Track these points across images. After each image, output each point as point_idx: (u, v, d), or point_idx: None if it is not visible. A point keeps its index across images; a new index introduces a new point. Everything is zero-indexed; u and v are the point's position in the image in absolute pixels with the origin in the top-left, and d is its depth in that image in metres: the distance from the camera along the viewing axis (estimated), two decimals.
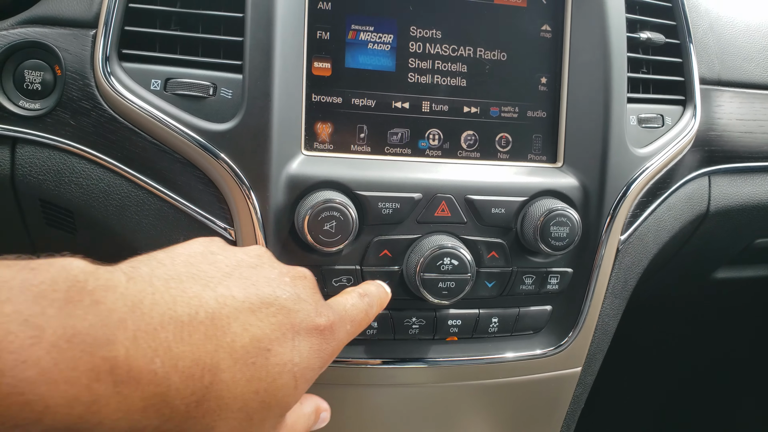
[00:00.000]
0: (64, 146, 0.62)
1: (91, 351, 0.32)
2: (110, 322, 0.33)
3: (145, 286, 0.36)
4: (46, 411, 0.30)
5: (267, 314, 0.40)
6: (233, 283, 0.40)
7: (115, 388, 0.32)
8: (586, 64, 0.69)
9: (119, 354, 0.33)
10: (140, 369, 0.33)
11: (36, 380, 0.30)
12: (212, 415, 0.37)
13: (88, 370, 0.31)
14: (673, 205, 0.79)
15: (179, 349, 0.35)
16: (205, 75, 0.61)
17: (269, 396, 0.39)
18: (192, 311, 0.37)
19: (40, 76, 0.61)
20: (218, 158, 0.59)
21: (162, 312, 0.35)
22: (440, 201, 0.64)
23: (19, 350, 0.30)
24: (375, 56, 0.65)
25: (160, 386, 0.34)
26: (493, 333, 0.69)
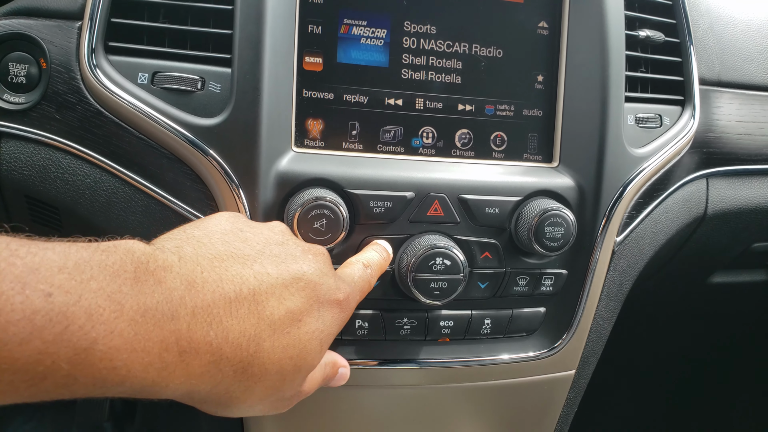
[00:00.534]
0: (49, 141, 0.61)
1: (161, 325, 0.36)
2: (173, 299, 0.37)
3: (194, 266, 0.40)
4: (128, 375, 0.35)
5: (297, 288, 0.45)
6: (266, 261, 0.45)
7: (180, 357, 0.37)
8: (583, 62, 0.68)
9: (182, 327, 0.37)
10: (199, 341, 0.38)
11: (121, 348, 0.34)
12: (254, 378, 0.42)
13: (159, 341, 0.36)
14: (670, 207, 0.77)
15: (229, 322, 0.40)
16: (194, 69, 0.59)
17: (300, 359, 0.45)
18: (236, 288, 0.41)
19: (25, 69, 0.60)
20: (206, 154, 0.58)
21: (212, 290, 0.40)
22: (433, 200, 0.63)
23: (108, 322, 0.34)
24: (368, 51, 0.64)
25: (214, 355, 0.39)
26: (486, 334, 0.68)
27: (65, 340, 0.32)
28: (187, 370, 0.38)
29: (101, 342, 0.33)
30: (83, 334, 0.32)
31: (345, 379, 0.57)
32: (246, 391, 0.42)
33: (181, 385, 0.38)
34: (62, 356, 0.32)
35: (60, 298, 0.32)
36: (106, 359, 0.33)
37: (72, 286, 0.33)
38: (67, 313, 0.32)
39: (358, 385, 0.67)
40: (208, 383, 0.40)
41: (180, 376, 0.38)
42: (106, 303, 0.34)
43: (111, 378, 0.34)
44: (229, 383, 0.41)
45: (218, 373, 0.40)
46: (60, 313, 0.32)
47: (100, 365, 0.33)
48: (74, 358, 0.32)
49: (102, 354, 0.33)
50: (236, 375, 0.41)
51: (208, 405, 0.43)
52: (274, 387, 0.44)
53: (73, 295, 0.33)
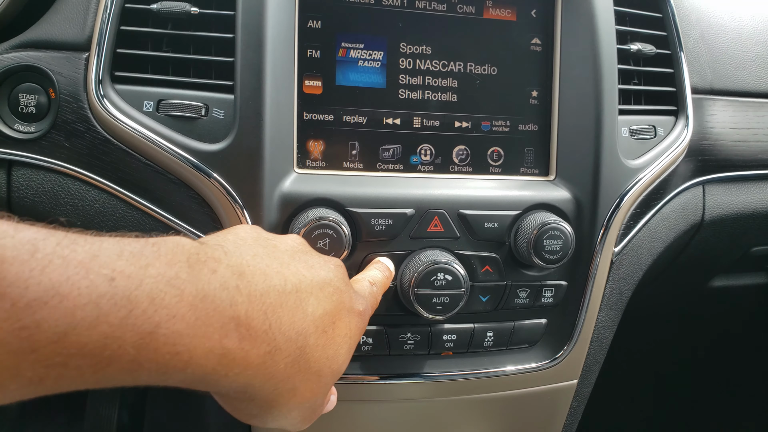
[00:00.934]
0: (59, 168, 0.62)
1: (220, 310, 0.36)
2: (229, 287, 0.38)
3: (240, 259, 0.41)
4: (190, 361, 0.35)
5: (329, 293, 0.45)
6: (299, 264, 0.45)
7: (240, 344, 0.37)
8: (576, 77, 0.70)
9: (240, 314, 0.37)
10: (257, 328, 0.38)
11: (183, 333, 0.34)
12: (300, 375, 0.42)
13: (219, 326, 0.36)
14: (667, 215, 0.79)
15: (280, 312, 0.40)
16: (197, 96, 0.61)
17: (334, 362, 0.45)
18: (281, 282, 0.42)
19: (35, 99, 0.62)
20: (211, 178, 0.60)
21: (261, 281, 0.40)
22: (433, 216, 0.64)
23: (169, 306, 0.34)
24: (365, 73, 0.66)
25: (270, 344, 0.39)
26: (489, 347, 0.69)
27: (130, 324, 0.32)
28: (246, 359, 0.38)
29: (164, 326, 0.33)
30: (146, 318, 0.32)
31: (332, 405, 0.57)
32: (291, 391, 0.42)
33: (239, 375, 0.38)
34: (128, 340, 0.32)
35: (122, 283, 0.32)
36: (170, 344, 0.33)
37: (132, 271, 0.33)
38: (130, 297, 0.32)
39: (364, 400, 0.69)
40: (263, 375, 0.39)
41: (239, 365, 0.38)
42: (167, 288, 0.34)
43: (174, 363, 0.34)
44: (280, 378, 0.41)
45: (273, 365, 0.40)
46: (124, 297, 0.32)
47: (164, 350, 0.33)
48: (139, 342, 0.32)
49: (165, 338, 0.33)
50: (287, 368, 0.41)
51: (253, 406, 0.43)
52: (312, 389, 0.44)
53: (134, 280, 0.33)
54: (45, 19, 0.62)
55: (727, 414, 1.41)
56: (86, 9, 0.62)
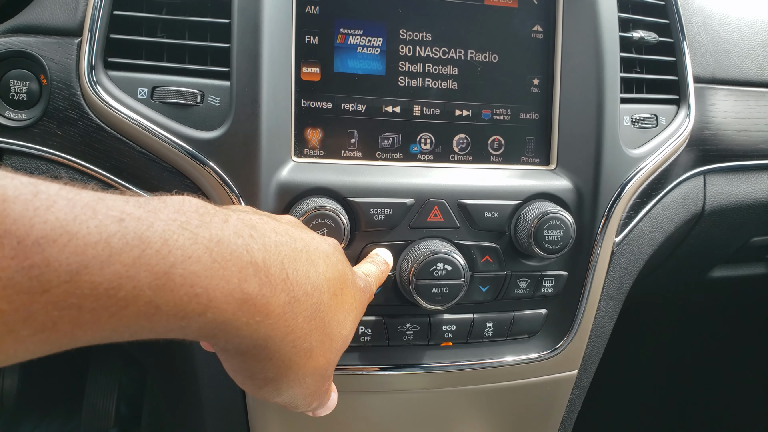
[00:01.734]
0: (51, 156, 0.61)
1: (237, 255, 0.35)
2: (243, 234, 0.37)
3: (248, 217, 0.40)
4: (209, 304, 0.34)
5: (334, 262, 0.45)
6: (303, 235, 0.44)
7: (260, 290, 0.36)
8: (578, 65, 0.69)
9: (258, 260, 0.37)
10: (275, 276, 0.38)
11: (201, 274, 0.33)
12: (316, 333, 0.41)
13: (237, 270, 0.35)
14: (668, 205, 0.78)
15: (295, 266, 0.40)
16: (193, 82, 0.60)
17: (344, 328, 0.45)
18: (291, 240, 0.41)
19: (26, 86, 0.60)
20: (207, 166, 0.59)
21: (273, 236, 0.40)
22: (433, 206, 0.64)
23: (184, 247, 0.32)
24: (364, 60, 0.64)
25: (289, 294, 0.38)
26: (488, 337, 0.68)
27: (144, 264, 0.31)
28: (267, 307, 0.37)
29: (180, 266, 0.32)
30: (161, 258, 0.31)
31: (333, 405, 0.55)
32: (308, 352, 0.42)
33: (260, 324, 0.37)
34: (143, 280, 0.31)
35: (132, 224, 0.31)
36: (187, 285, 0.32)
37: (141, 214, 0.32)
38: (142, 237, 0.31)
39: (363, 391, 0.68)
40: (283, 328, 0.39)
41: (260, 313, 0.37)
42: (180, 230, 0.33)
43: (192, 306, 0.33)
44: (298, 335, 0.40)
45: (292, 317, 0.39)
46: (135, 237, 0.31)
47: (181, 291, 0.32)
48: (154, 282, 0.31)
49: (182, 279, 0.32)
50: (305, 324, 0.40)
51: (270, 365, 0.41)
52: (325, 355, 0.43)
53: (145, 222, 0.31)
54: (36, 4, 0.61)
55: (725, 402, 1.41)
56: None
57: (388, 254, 0.62)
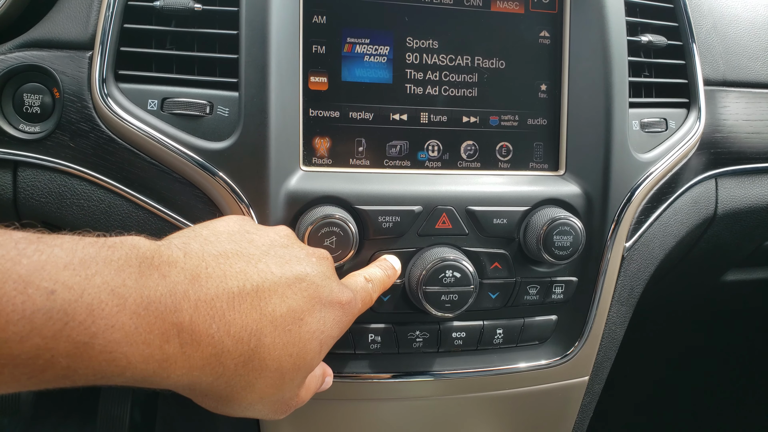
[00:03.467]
0: (64, 168, 0.62)
1: (163, 317, 0.37)
2: (176, 293, 0.38)
3: (199, 261, 0.41)
4: (128, 366, 0.36)
5: (300, 288, 0.46)
6: (271, 261, 0.46)
7: (182, 349, 0.38)
8: (586, 70, 0.68)
9: (184, 320, 0.38)
10: (201, 333, 0.39)
11: (121, 341, 0.35)
12: (254, 373, 0.43)
13: (160, 333, 0.37)
14: (679, 209, 0.77)
15: (231, 316, 0.41)
16: (202, 93, 0.61)
17: (300, 359, 0.45)
18: (240, 284, 0.42)
19: (39, 99, 0.61)
20: (216, 177, 0.59)
21: (216, 285, 0.41)
22: (441, 213, 0.64)
23: (109, 316, 0.34)
24: (372, 69, 0.65)
25: (216, 347, 0.40)
26: (498, 344, 0.68)
27: (65, 336, 0.33)
28: (189, 362, 0.39)
29: (101, 336, 0.34)
30: (83, 329, 0.33)
31: (328, 386, 0.58)
32: (247, 387, 0.43)
33: (183, 376, 0.39)
34: (61, 351, 0.33)
35: (62, 295, 0.33)
36: (106, 352, 0.34)
37: (76, 282, 0.34)
38: (68, 310, 0.33)
39: (374, 399, 0.68)
40: (209, 375, 0.40)
41: (181, 368, 0.38)
42: (109, 297, 0.35)
43: (110, 369, 0.35)
44: (231, 376, 0.42)
45: (219, 365, 0.40)
46: (61, 310, 0.33)
47: (100, 357, 0.34)
48: (73, 351, 0.33)
49: (101, 347, 0.34)
50: (237, 368, 0.41)
51: (209, 399, 0.44)
52: (274, 385, 0.45)
53: (76, 291, 0.34)
54: (48, 18, 0.62)
55: (740, 406, 1.39)
56: (89, 7, 0.61)
57: (396, 260, 0.62)
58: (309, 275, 0.47)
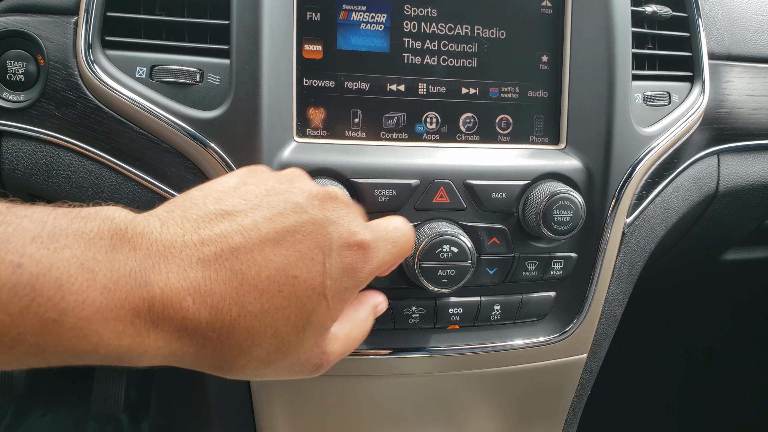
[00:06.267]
0: (50, 138, 0.60)
1: (133, 292, 0.35)
2: (146, 267, 0.36)
3: (177, 229, 0.39)
4: (100, 343, 0.34)
5: (292, 242, 0.41)
6: (259, 214, 0.41)
7: (154, 324, 0.36)
8: (588, 41, 0.66)
9: (155, 294, 0.36)
10: (174, 307, 0.36)
11: (92, 318, 0.33)
12: (245, 341, 0.40)
13: (131, 308, 0.35)
14: (681, 185, 0.76)
15: (207, 287, 0.38)
16: (192, 61, 0.59)
17: (301, 320, 0.41)
18: (218, 250, 0.39)
19: (23, 67, 0.59)
20: (207, 147, 0.57)
21: (190, 254, 0.38)
22: (438, 187, 0.62)
23: (79, 292, 0.33)
24: (368, 37, 0.63)
25: (192, 321, 0.37)
26: (496, 321, 0.67)
27: (31, 313, 0.31)
28: (163, 335, 0.37)
29: (71, 313, 0.33)
30: (52, 306, 0.32)
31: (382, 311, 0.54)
32: (241, 354, 0.40)
33: (160, 349, 0.37)
34: (28, 328, 0.32)
35: (29, 269, 0.31)
36: (76, 329, 0.33)
37: (43, 255, 0.32)
38: (35, 285, 0.31)
39: (369, 375, 0.67)
40: (190, 345, 0.38)
41: (156, 341, 0.36)
42: (79, 272, 0.33)
43: (82, 347, 0.34)
44: (216, 346, 0.39)
45: (199, 337, 0.38)
46: (27, 285, 0.31)
47: (70, 335, 0.33)
48: (42, 329, 0.32)
49: (71, 324, 0.33)
50: (222, 338, 0.39)
51: (204, 367, 0.41)
52: (276, 350, 0.41)
53: (44, 264, 0.32)
54: None
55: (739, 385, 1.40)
56: None
57: None
58: (305, 224, 0.42)
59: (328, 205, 0.44)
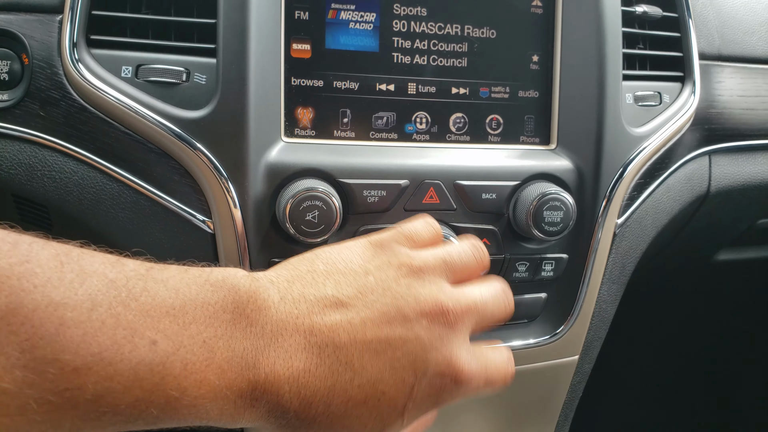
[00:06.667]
0: (34, 138, 0.59)
1: (242, 374, 0.37)
2: (258, 348, 0.38)
3: (292, 309, 0.40)
4: (204, 416, 0.37)
5: (390, 358, 0.41)
6: (369, 314, 0.41)
7: (251, 403, 0.38)
8: (579, 41, 0.66)
9: (260, 378, 0.38)
10: (272, 392, 0.38)
11: (206, 396, 0.36)
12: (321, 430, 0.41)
13: (237, 389, 0.37)
14: (672, 186, 0.76)
15: (304, 379, 0.39)
16: (178, 60, 0.58)
17: (376, 429, 0.42)
18: (323, 343, 0.40)
19: (7, 66, 0.58)
20: (193, 147, 0.56)
21: (299, 341, 0.39)
22: (428, 187, 0.62)
23: (198, 371, 0.36)
24: (357, 36, 0.62)
25: (283, 407, 0.39)
26: None
27: (161, 391, 0.34)
28: (255, 412, 0.39)
29: (190, 391, 0.35)
30: (176, 384, 0.35)
31: None
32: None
33: (249, 421, 0.39)
34: (155, 402, 0.34)
35: (163, 346, 0.34)
36: (191, 406, 0.35)
37: (174, 331, 0.35)
38: (166, 363, 0.34)
39: None
40: (274, 422, 0.40)
41: (249, 415, 0.39)
42: (201, 350, 0.36)
43: (189, 419, 0.37)
44: (295, 428, 0.40)
45: (283, 419, 0.40)
46: (160, 363, 0.34)
47: (185, 411, 0.36)
48: (165, 404, 0.35)
49: (188, 401, 0.35)
50: (302, 424, 0.40)
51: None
52: None
53: (175, 342, 0.35)
54: None
55: (729, 386, 1.40)
56: None
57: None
58: (406, 342, 0.41)
59: (435, 327, 0.42)
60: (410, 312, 0.42)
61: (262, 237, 0.59)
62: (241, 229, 0.58)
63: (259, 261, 0.59)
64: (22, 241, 0.34)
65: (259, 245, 0.59)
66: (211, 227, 0.59)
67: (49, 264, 0.33)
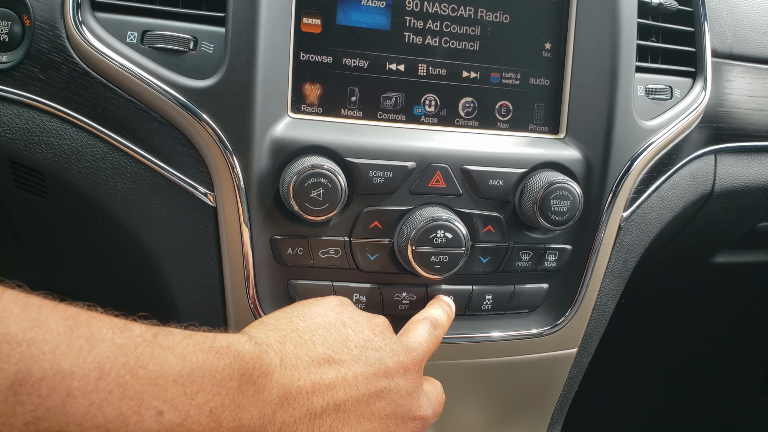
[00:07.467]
0: (33, 103, 0.58)
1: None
2: (265, 414, 0.40)
3: (293, 371, 0.43)
4: None
5: (379, 408, 0.47)
6: (359, 370, 0.46)
7: None
8: (593, 30, 0.65)
9: None
10: None
11: None
12: None
13: None
14: (678, 183, 0.75)
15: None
16: (186, 27, 0.56)
17: None
18: (324, 403, 0.43)
19: (8, 26, 0.57)
20: (199, 118, 0.55)
21: (302, 404, 0.42)
22: (435, 171, 0.61)
23: None
24: (369, 13, 0.61)
25: None
26: (487, 310, 0.66)
27: None
28: None
29: None
30: None
31: None
32: None
33: None
34: None
35: (169, 417, 0.34)
36: None
37: (181, 401, 0.35)
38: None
39: None
40: None
41: None
42: (207, 421, 0.36)
43: None
44: None
45: None
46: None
47: None
48: None
49: None
50: None
51: None
52: None
53: (181, 413, 0.35)
54: None
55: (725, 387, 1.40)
56: None
57: (451, 301, 0.63)
58: (391, 392, 0.47)
59: (409, 376, 0.50)
60: (391, 364, 0.48)
61: (265, 213, 0.58)
62: (244, 204, 0.56)
63: (260, 238, 0.58)
64: (31, 303, 0.33)
65: (261, 222, 0.58)
66: (212, 200, 0.58)
67: (58, 329, 0.33)
